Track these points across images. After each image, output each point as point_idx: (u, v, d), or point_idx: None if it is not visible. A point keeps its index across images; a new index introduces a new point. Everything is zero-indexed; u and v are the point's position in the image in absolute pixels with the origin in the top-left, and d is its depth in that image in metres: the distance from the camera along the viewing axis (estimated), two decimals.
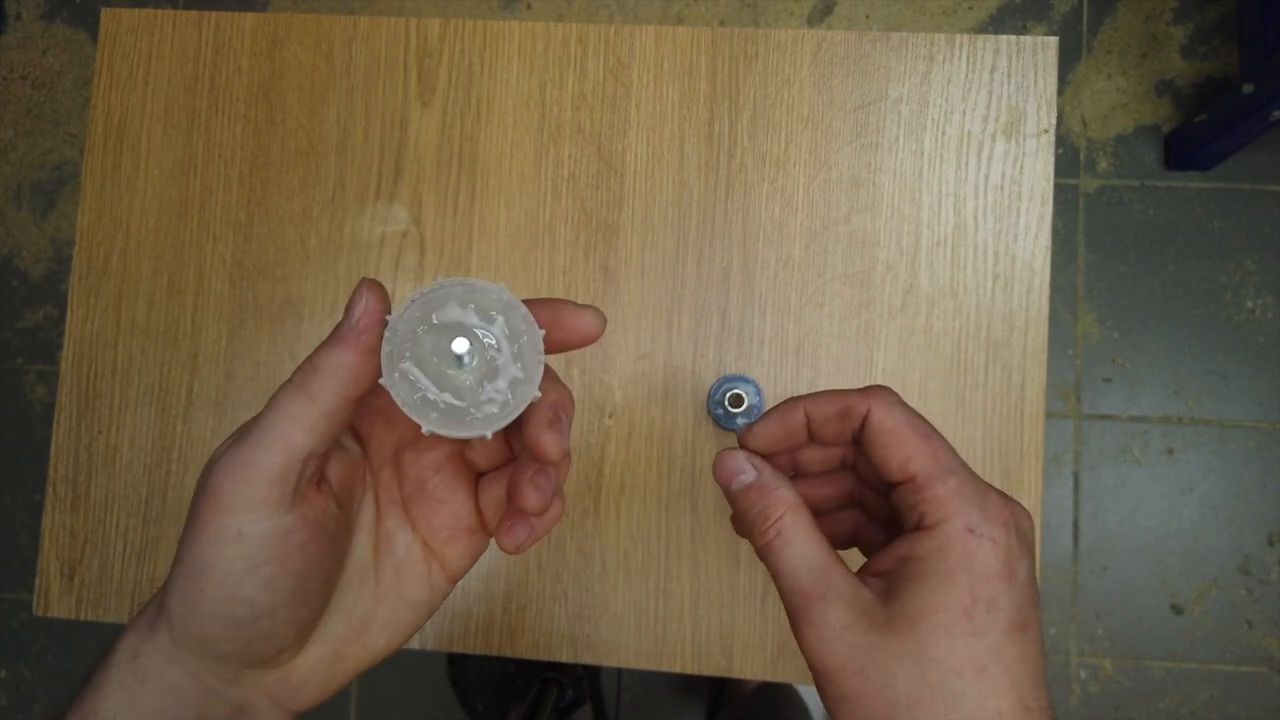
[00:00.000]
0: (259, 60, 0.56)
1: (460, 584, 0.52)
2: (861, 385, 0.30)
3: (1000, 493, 0.27)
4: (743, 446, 0.30)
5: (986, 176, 0.52)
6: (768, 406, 0.52)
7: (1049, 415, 1.20)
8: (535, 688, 1.02)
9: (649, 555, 0.52)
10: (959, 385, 0.51)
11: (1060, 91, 1.23)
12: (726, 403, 0.50)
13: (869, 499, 0.31)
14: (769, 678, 0.51)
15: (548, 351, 0.25)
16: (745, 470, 0.29)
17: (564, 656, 0.52)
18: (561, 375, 0.53)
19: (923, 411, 0.51)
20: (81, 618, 0.54)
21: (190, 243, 0.55)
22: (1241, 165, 1.20)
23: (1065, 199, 1.22)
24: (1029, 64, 0.52)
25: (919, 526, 0.26)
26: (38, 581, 0.54)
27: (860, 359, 0.52)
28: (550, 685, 1.02)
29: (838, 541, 0.32)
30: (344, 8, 1.32)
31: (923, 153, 0.52)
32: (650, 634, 0.51)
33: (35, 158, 1.33)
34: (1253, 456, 1.18)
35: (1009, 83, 0.52)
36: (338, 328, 0.25)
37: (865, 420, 0.28)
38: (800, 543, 0.27)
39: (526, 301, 0.25)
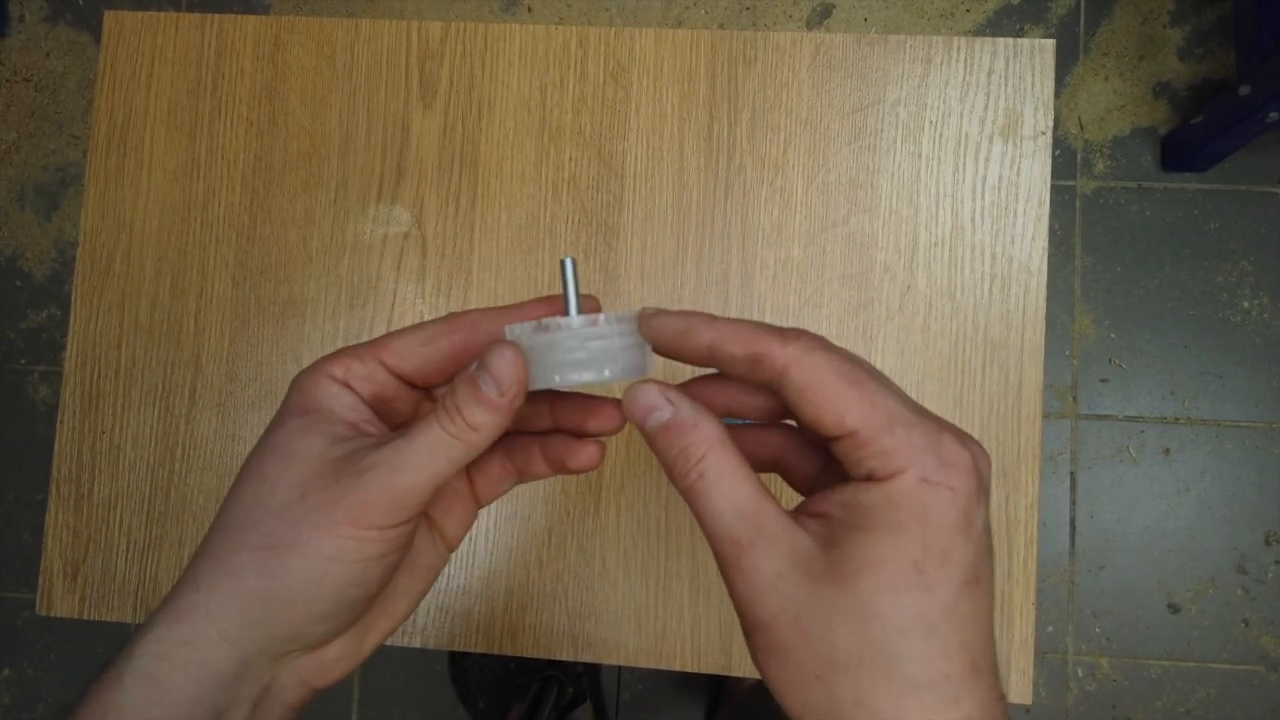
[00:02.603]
0: (261, 63, 0.56)
1: (461, 582, 0.53)
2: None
3: (955, 431, 0.24)
4: (647, 338, 0.27)
5: (984, 178, 0.52)
6: None
7: (1046, 415, 1.20)
8: (536, 686, 1.02)
9: (649, 554, 0.52)
10: (956, 386, 0.52)
11: (1057, 94, 1.24)
12: None
13: (805, 448, 0.28)
14: None
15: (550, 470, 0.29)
16: (660, 406, 0.25)
17: (564, 655, 0.52)
18: None
19: None
20: (84, 617, 0.55)
21: (193, 244, 0.56)
22: (1238, 167, 1.20)
23: (1062, 200, 1.23)
24: (1026, 66, 0.53)
25: (869, 478, 0.23)
26: (41, 581, 0.55)
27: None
28: (551, 683, 1.03)
29: (759, 465, 0.28)
30: (345, 10, 1.33)
31: (920, 155, 0.53)
32: (650, 632, 0.52)
33: (38, 159, 1.34)
34: (1249, 456, 1.19)
35: (1006, 85, 0.53)
36: (477, 385, 0.24)
37: (783, 375, 0.24)
38: (727, 484, 0.24)
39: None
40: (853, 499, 0.23)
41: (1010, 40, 0.53)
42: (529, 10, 1.30)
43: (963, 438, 0.24)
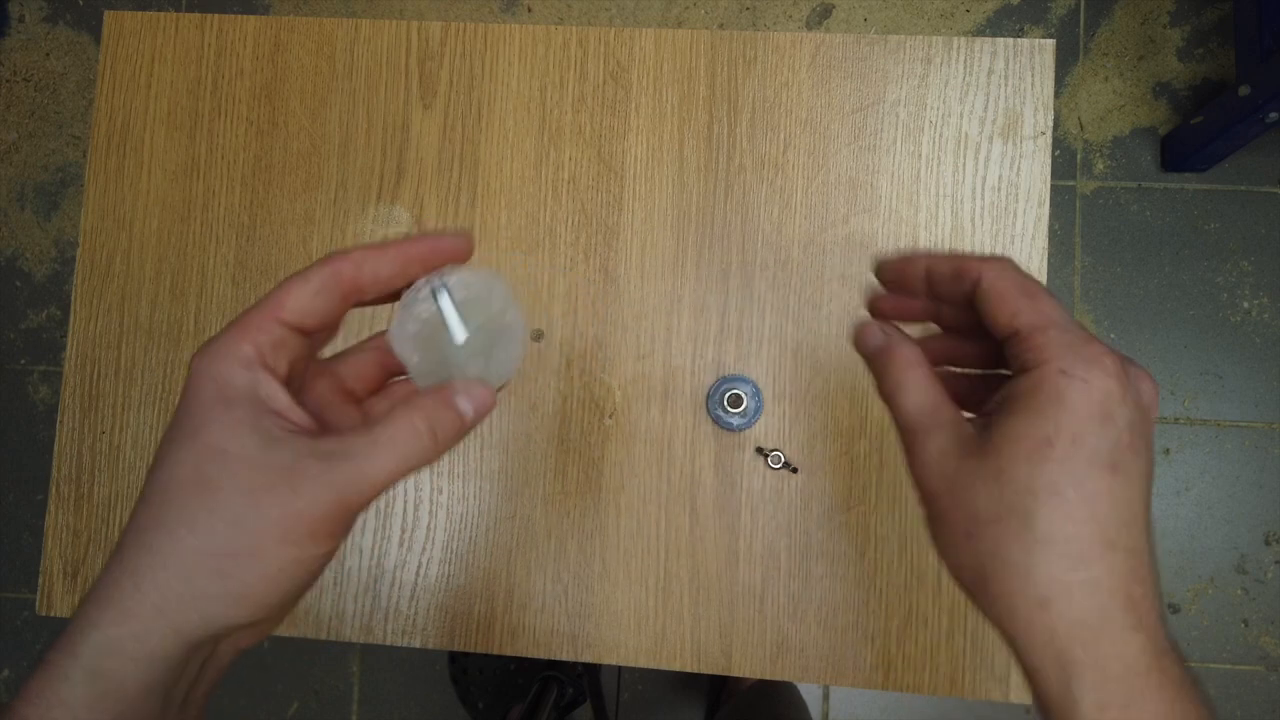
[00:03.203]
0: (261, 63, 0.56)
1: (462, 582, 0.53)
2: (857, 386, 0.32)
3: (1114, 353, 0.28)
4: (877, 276, 0.34)
5: (984, 178, 0.52)
6: (766, 407, 0.52)
7: None
8: (536, 686, 1.02)
9: (649, 554, 0.52)
10: None
11: (1057, 94, 1.24)
12: (725, 403, 0.51)
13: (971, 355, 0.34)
14: (768, 675, 0.51)
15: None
16: (876, 336, 0.33)
17: (564, 655, 0.52)
18: (562, 376, 0.53)
19: None
20: None
21: (193, 244, 0.56)
22: (1238, 167, 1.20)
23: (1062, 201, 1.23)
24: (1026, 66, 0.53)
25: (1022, 371, 0.28)
26: (41, 581, 0.55)
27: (859, 360, 0.52)
28: (551, 683, 1.03)
29: (936, 357, 0.35)
30: (345, 11, 1.33)
31: (920, 155, 0.53)
32: (650, 632, 0.52)
33: (38, 159, 1.34)
34: (1249, 456, 1.19)
35: (1006, 85, 0.53)
36: (455, 409, 0.28)
37: (978, 282, 0.29)
38: (914, 390, 0.30)
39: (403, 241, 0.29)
40: (1008, 391, 0.28)
41: (1010, 40, 0.53)
42: (529, 10, 1.30)
43: (1119, 357, 0.28)
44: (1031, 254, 0.52)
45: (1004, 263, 0.29)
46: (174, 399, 0.55)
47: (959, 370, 0.35)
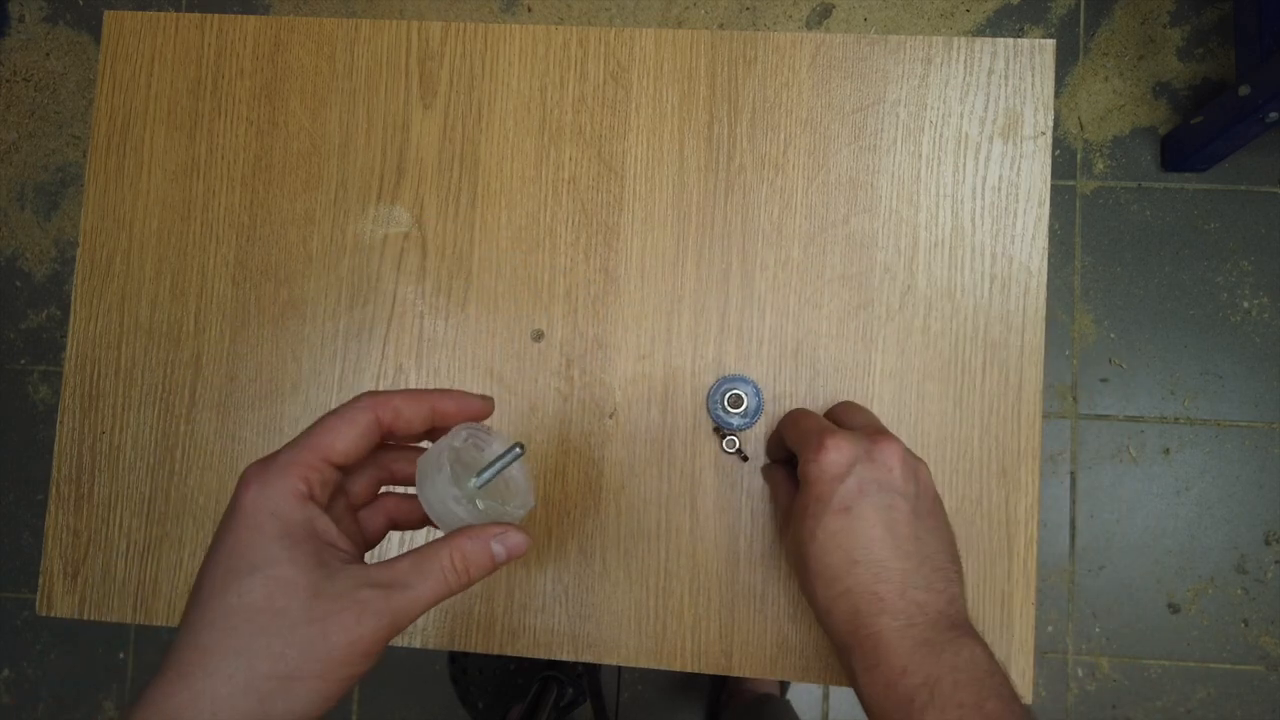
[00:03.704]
0: (261, 63, 0.56)
1: None
2: (857, 386, 0.35)
3: (854, 437, 0.41)
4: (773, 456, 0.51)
5: (984, 178, 0.52)
6: (766, 407, 0.52)
7: (1046, 415, 1.20)
8: (536, 686, 1.02)
9: (649, 554, 0.52)
10: (956, 386, 0.52)
11: (1057, 94, 1.24)
12: (726, 403, 0.51)
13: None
14: (768, 675, 0.52)
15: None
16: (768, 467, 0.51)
17: (564, 655, 0.52)
18: (563, 377, 0.53)
19: (920, 412, 0.52)
20: (84, 617, 0.55)
21: (193, 244, 0.56)
22: (1238, 167, 1.20)
23: (1062, 201, 1.23)
24: (1026, 66, 0.53)
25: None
26: (41, 581, 0.55)
27: (858, 360, 0.52)
28: (550, 683, 1.03)
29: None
30: (345, 11, 1.33)
31: (920, 155, 0.53)
32: (650, 632, 0.52)
33: (38, 159, 1.34)
34: (1249, 456, 1.19)
35: (1006, 85, 0.53)
36: (490, 552, 0.32)
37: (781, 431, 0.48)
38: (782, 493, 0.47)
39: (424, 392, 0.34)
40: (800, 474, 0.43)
41: (1010, 40, 0.53)
42: (529, 10, 1.30)
43: (863, 439, 0.41)
44: (1031, 254, 0.52)
45: (791, 414, 0.46)
46: (174, 399, 0.55)
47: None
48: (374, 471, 0.36)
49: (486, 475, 0.34)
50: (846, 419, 0.45)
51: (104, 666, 1.28)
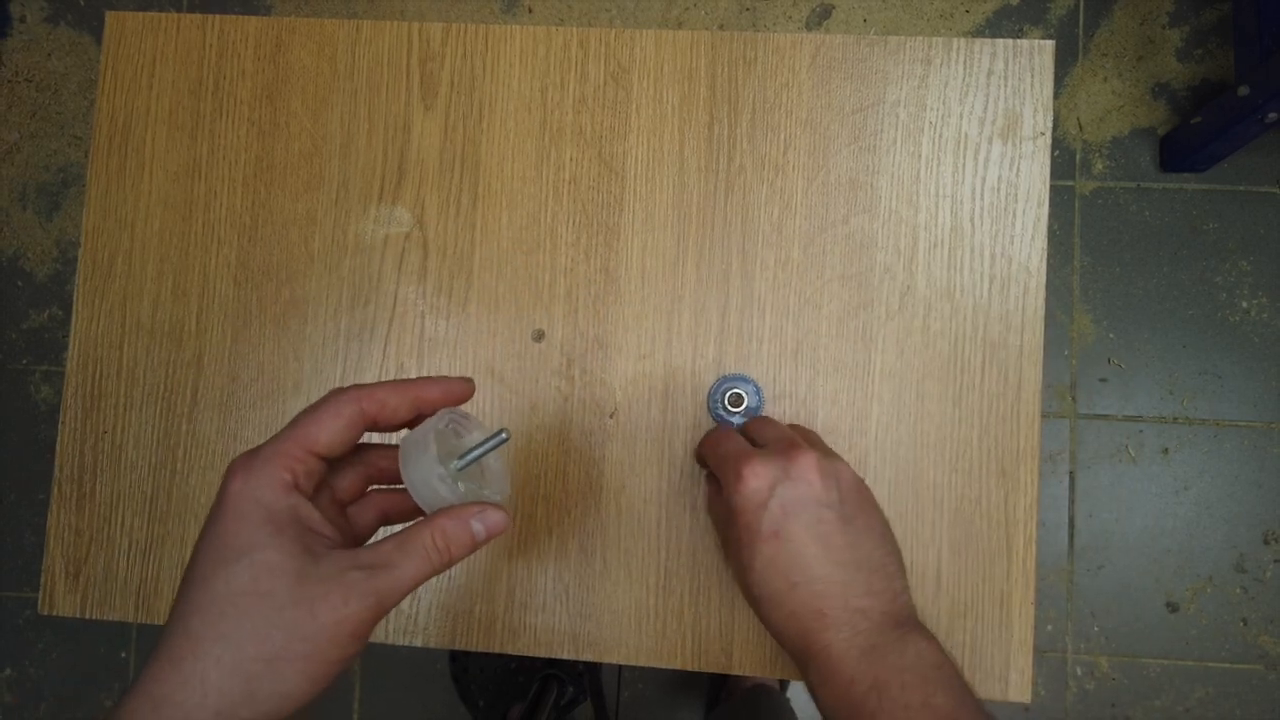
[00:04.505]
0: (263, 64, 0.56)
1: (463, 582, 0.53)
2: (857, 386, 0.34)
3: (773, 458, 0.42)
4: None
5: (983, 179, 0.53)
6: (765, 406, 0.52)
7: (1045, 415, 1.20)
8: (536, 685, 1.03)
9: (649, 553, 0.52)
10: (956, 386, 0.52)
11: (1056, 94, 1.24)
12: (726, 402, 0.51)
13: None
14: (768, 674, 0.52)
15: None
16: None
17: (565, 654, 0.52)
18: (563, 377, 0.54)
19: (920, 412, 0.52)
20: (86, 616, 0.55)
21: (195, 244, 0.56)
22: (1236, 167, 1.21)
23: (1061, 201, 1.23)
24: (1025, 67, 0.53)
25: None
26: (43, 580, 0.55)
27: (858, 359, 0.52)
28: (551, 682, 1.03)
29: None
30: (347, 12, 1.33)
31: (920, 155, 0.53)
32: (650, 631, 0.52)
33: (40, 160, 1.34)
34: (1248, 456, 1.19)
35: (1005, 86, 0.53)
36: (470, 531, 0.33)
37: (699, 453, 0.50)
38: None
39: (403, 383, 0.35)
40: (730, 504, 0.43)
41: (1009, 41, 0.53)
42: (530, 11, 1.30)
43: (781, 460, 0.42)
44: (1031, 254, 0.52)
45: (707, 439, 0.48)
46: (176, 398, 0.55)
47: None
48: (360, 468, 0.37)
49: (471, 457, 0.34)
50: (759, 436, 0.45)
51: (106, 665, 1.28)
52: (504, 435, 0.34)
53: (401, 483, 0.34)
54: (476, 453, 0.34)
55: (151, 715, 0.28)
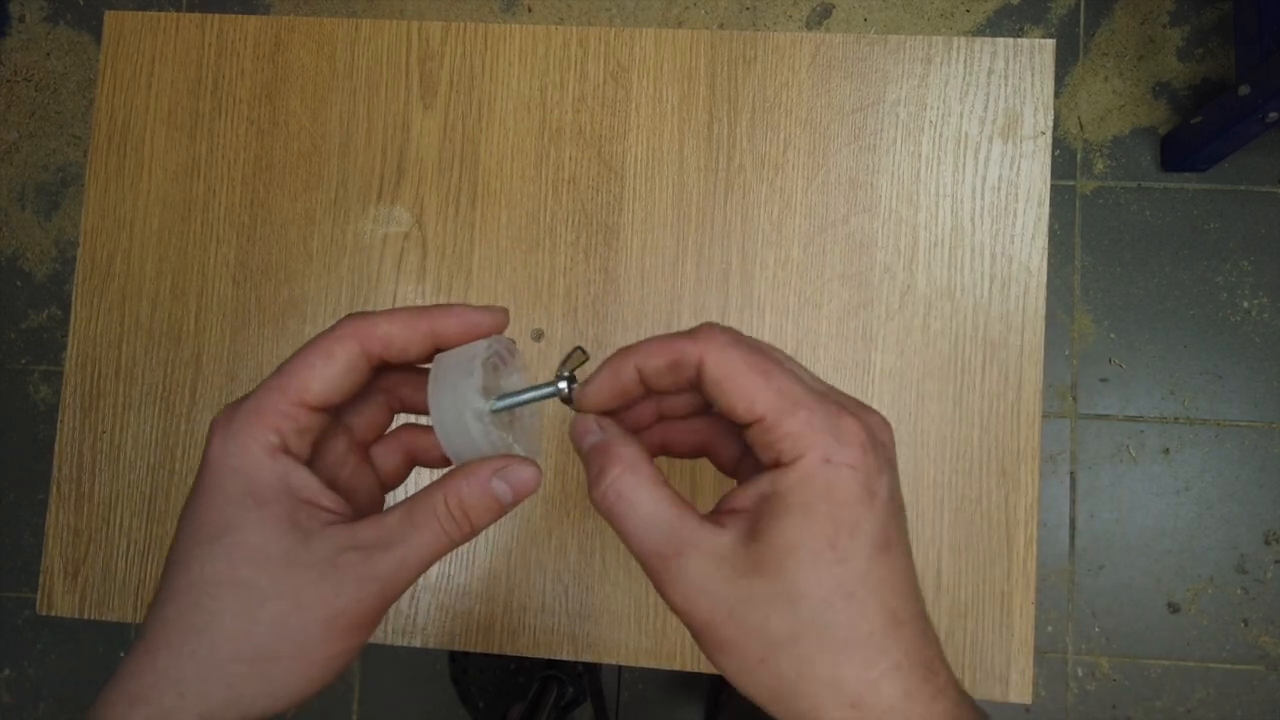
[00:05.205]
0: (262, 63, 0.56)
1: (462, 582, 0.53)
2: (857, 386, 0.29)
3: (854, 409, 0.26)
4: (579, 410, 0.29)
5: (984, 178, 0.53)
6: None
7: (1046, 415, 1.20)
8: (536, 685, 1.02)
9: None
10: (956, 385, 0.52)
11: (1057, 94, 1.24)
12: None
13: (730, 432, 0.31)
14: None
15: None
16: (592, 431, 0.28)
17: (565, 654, 0.52)
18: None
19: (920, 411, 0.52)
20: (85, 616, 0.55)
21: (194, 244, 0.56)
22: (1237, 167, 1.20)
23: (1062, 200, 1.23)
24: (1026, 66, 0.53)
25: (777, 464, 0.25)
26: (41, 580, 0.55)
27: (858, 359, 0.52)
28: (551, 683, 1.03)
29: (689, 452, 0.31)
30: (346, 10, 1.33)
31: (920, 155, 0.53)
32: (650, 632, 0.52)
33: (39, 159, 1.34)
34: (1249, 456, 1.19)
35: (1006, 85, 0.53)
36: (491, 493, 0.27)
37: (700, 369, 0.26)
38: (644, 502, 0.26)
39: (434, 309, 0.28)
40: (769, 489, 0.25)
41: (1010, 40, 0.53)
42: (529, 10, 1.30)
43: (860, 414, 0.26)
44: (1031, 254, 0.52)
45: (723, 338, 0.26)
46: (175, 398, 0.55)
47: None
48: (380, 398, 0.31)
49: (516, 399, 0.27)
50: (771, 383, 0.26)
51: (105, 666, 1.28)
52: (563, 387, 0.28)
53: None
54: (525, 396, 0.27)
55: (128, 713, 0.24)
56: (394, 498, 0.30)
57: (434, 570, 0.53)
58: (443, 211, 0.55)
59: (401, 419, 0.32)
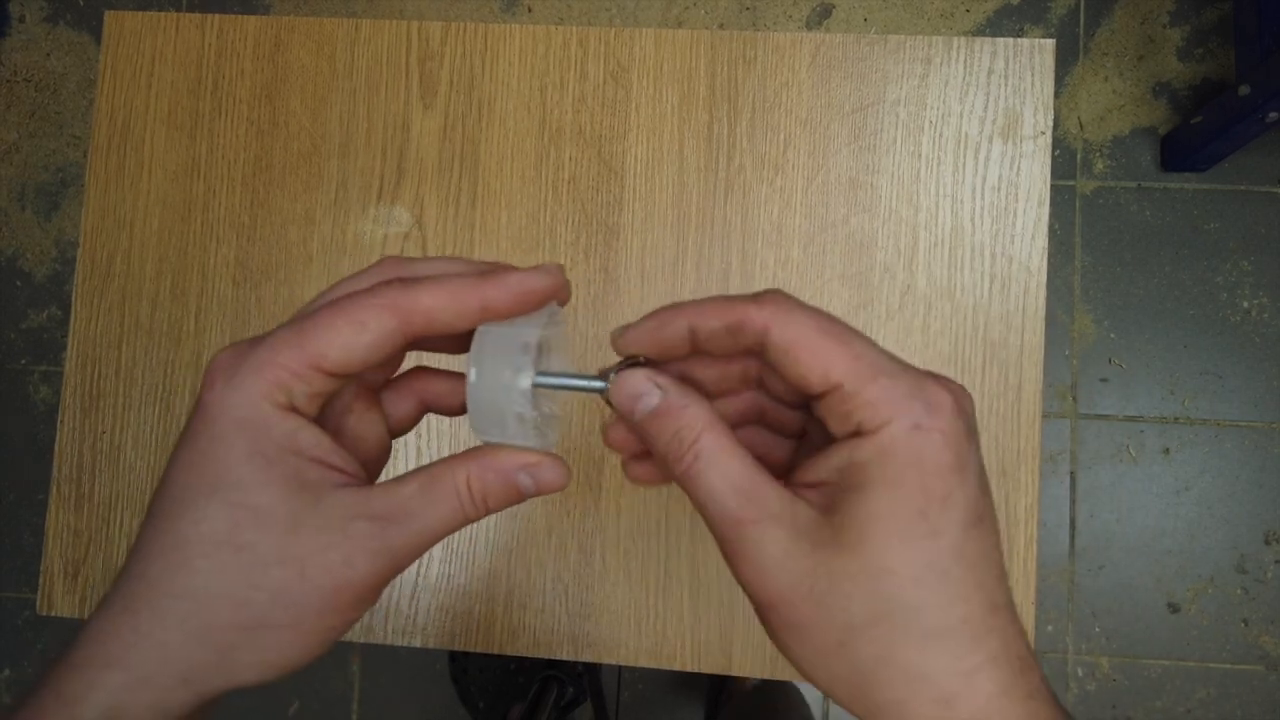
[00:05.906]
0: (262, 63, 0.56)
1: (462, 583, 0.53)
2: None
3: (936, 376, 0.24)
4: (617, 352, 0.26)
5: (984, 178, 0.53)
6: None
7: (1046, 415, 1.20)
8: (536, 685, 1.02)
9: (649, 554, 0.52)
10: None
11: (1057, 94, 1.24)
12: None
13: (774, 414, 0.28)
14: (768, 675, 0.52)
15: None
16: (649, 392, 0.25)
17: (565, 654, 0.52)
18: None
19: None
20: (85, 617, 0.55)
21: (194, 244, 0.56)
22: (1237, 167, 1.21)
23: (1062, 200, 1.23)
24: (1026, 66, 0.53)
25: (857, 433, 0.23)
26: (41, 580, 0.55)
27: None
28: (551, 683, 1.03)
29: (742, 420, 0.29)
30: (346, 11, 1.33)
31: (920, 155, 0.53)
32: (650, 632, 0.52)
33: (39, 159, 1.34)
34: (1249, 456, 1.19)
35: (1006, 85, 0.53)
36: (515, 486, 0.25)
37: (766, 335, 0.24)
38: (724, 464, 0.24)
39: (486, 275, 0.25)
40: (847, 459, 0.23)
41: (1010, 40, 0.53)
42: (529, 10, 1.30)
43: (944, 381, 0.24)
44: (1031, 254, 0.52)
45: (788, 304, 0.24)
46: (175, 399, 0.55)
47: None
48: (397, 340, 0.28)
49: (555, 383, 0.25)
50: (848, 349, 0.24)
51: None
52: (604, 384, 0.25)
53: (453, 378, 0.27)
54: (567, 382, 0.25)
55: (102, 676, 0.22)
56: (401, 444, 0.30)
57: (434, 570, 0.53)
58: (443, 212, 0.55)
59: (413, 358, 0.29)
